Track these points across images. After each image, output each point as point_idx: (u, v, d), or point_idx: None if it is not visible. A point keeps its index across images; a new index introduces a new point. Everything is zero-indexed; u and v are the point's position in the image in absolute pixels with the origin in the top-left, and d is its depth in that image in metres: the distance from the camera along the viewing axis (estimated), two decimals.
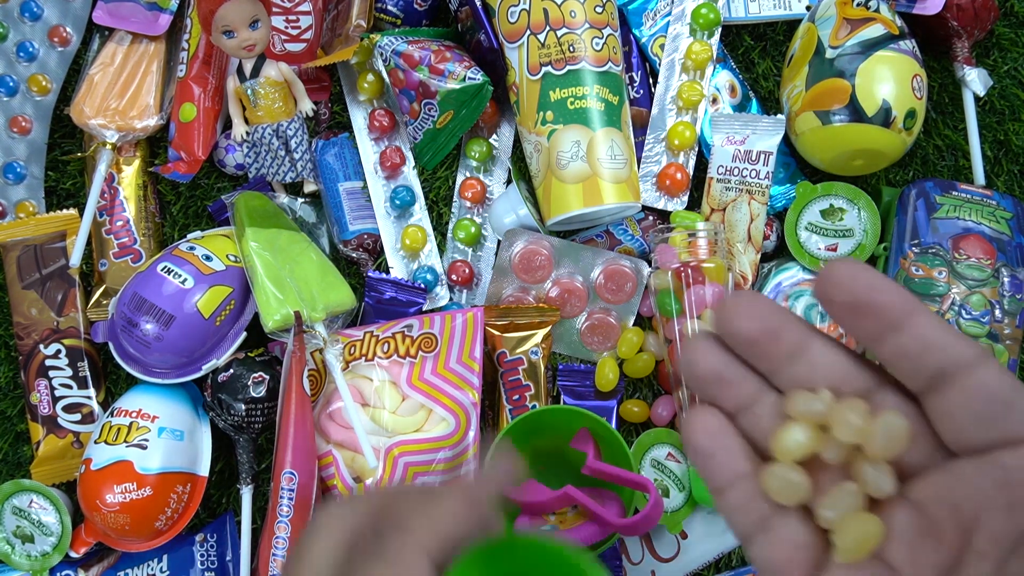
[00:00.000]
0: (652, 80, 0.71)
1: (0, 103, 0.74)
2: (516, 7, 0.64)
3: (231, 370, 0.66)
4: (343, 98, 0.73)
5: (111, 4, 0.71)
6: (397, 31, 0.68)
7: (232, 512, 0.70)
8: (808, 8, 0.71)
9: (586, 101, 0.63)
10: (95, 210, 0.70)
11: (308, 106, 0.70)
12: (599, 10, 0.64)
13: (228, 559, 0.68)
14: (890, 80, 0.62)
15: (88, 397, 0.71)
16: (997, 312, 0.64)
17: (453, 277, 0.70)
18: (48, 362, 0.70)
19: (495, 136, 0.72)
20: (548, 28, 0.63)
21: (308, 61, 0.71)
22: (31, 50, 0.73)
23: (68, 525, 0.68)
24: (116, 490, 0.63)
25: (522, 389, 0.67)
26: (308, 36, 0.72)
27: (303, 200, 0.72)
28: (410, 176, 0.72)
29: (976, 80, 0.67)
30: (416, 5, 0.70)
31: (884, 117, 0.62)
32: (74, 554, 0.68)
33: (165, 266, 0.65)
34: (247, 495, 0.66)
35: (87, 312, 0.71)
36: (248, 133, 0.69)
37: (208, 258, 0.66)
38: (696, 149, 0.70)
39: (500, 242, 0.69)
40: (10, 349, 0.74)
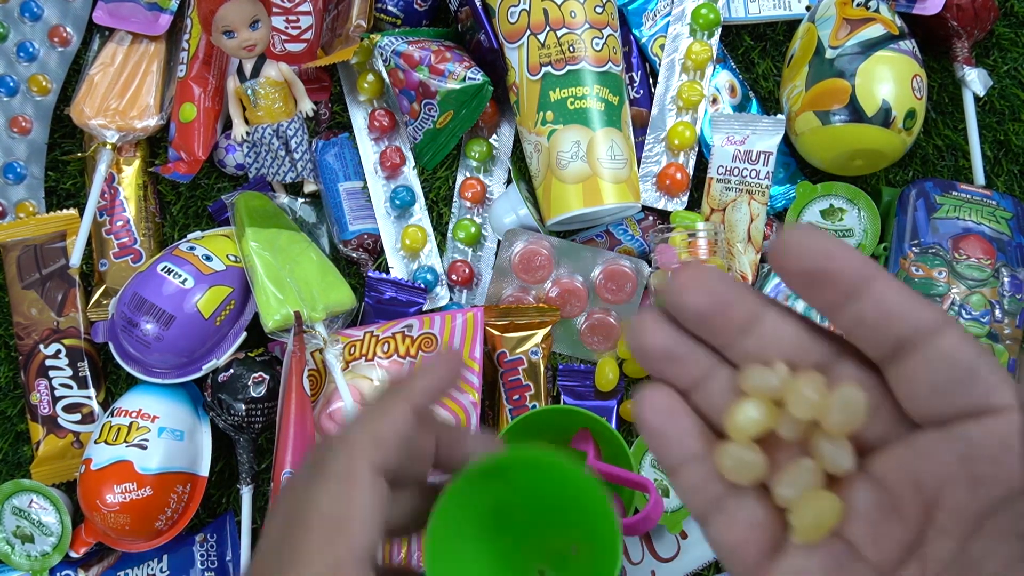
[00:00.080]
0: (652, 80, 0.71)
1: (0, 103, 0.74)
2: (516, 7, 0.64)
3: (231, 370, 0.66)
4: (343, 98, 0.73)
5: (111, 4, 0.71)
6: (397, 31, 0.68)
7: (232, 512, 0.70)
8: (808, 8, 0.71)
9: (586, 101, 0.63)
10: (95, 210, 0.70)
11: (308, 106, 0.70)
12: (599, 10, 0.64)
13: (228, 559, 0.68)
14: (890, 80, 0.62)
15: (88, 397, 0.71)
16: (997, 312, 0.64)
17: (453, 277, 0.70)
18: (48, 362, 0.70)
19: (495, 136, 0.72)
20: (548, 28, 0.63)
21: (308, 61, 0.71)
22: (31, 50, 0.73)
23: (68, 525, 0.68)
24: (116, 490, 0.63)
25: (522, 389, 0.67)
26: (308, 36, 0.72)
27: (303, 200, 0.72)
28: (410, 176, 0.72)
29: (976, 80, 0.67)
30: (416, 5, 0.70)
31: (884, 117, 0.62)
32: (74, 554, 0.68)
33: (165, 266, 0.65)
34: (247, 495, 0.66)
35: (87, 312, 0.71)
36: (248, 133, 0.69)
37: (208, 258, 0.66)
38: (696, 149, 0.70)
39: (500, 242, 0.69)
40: (10, 349, 0.74)
